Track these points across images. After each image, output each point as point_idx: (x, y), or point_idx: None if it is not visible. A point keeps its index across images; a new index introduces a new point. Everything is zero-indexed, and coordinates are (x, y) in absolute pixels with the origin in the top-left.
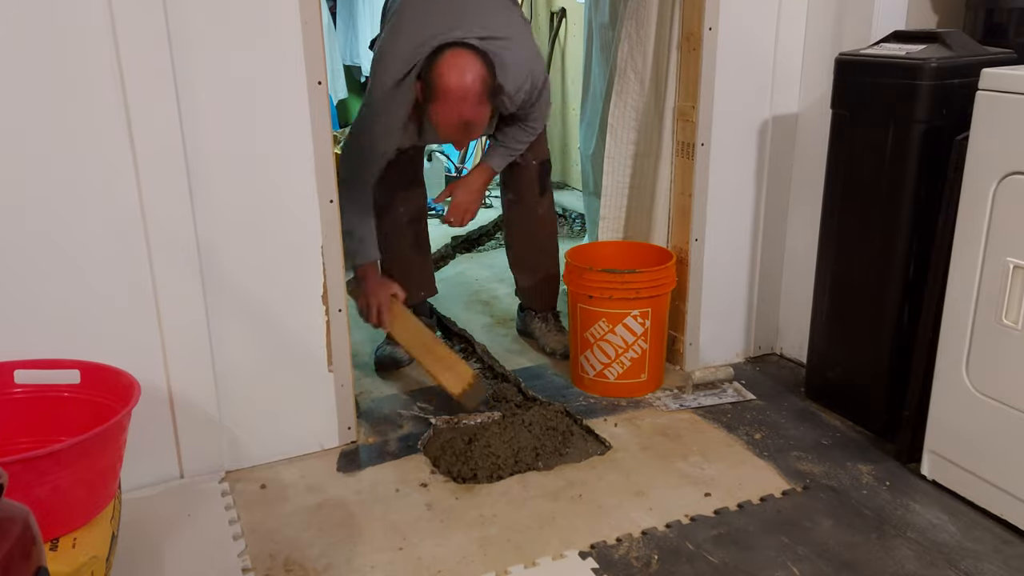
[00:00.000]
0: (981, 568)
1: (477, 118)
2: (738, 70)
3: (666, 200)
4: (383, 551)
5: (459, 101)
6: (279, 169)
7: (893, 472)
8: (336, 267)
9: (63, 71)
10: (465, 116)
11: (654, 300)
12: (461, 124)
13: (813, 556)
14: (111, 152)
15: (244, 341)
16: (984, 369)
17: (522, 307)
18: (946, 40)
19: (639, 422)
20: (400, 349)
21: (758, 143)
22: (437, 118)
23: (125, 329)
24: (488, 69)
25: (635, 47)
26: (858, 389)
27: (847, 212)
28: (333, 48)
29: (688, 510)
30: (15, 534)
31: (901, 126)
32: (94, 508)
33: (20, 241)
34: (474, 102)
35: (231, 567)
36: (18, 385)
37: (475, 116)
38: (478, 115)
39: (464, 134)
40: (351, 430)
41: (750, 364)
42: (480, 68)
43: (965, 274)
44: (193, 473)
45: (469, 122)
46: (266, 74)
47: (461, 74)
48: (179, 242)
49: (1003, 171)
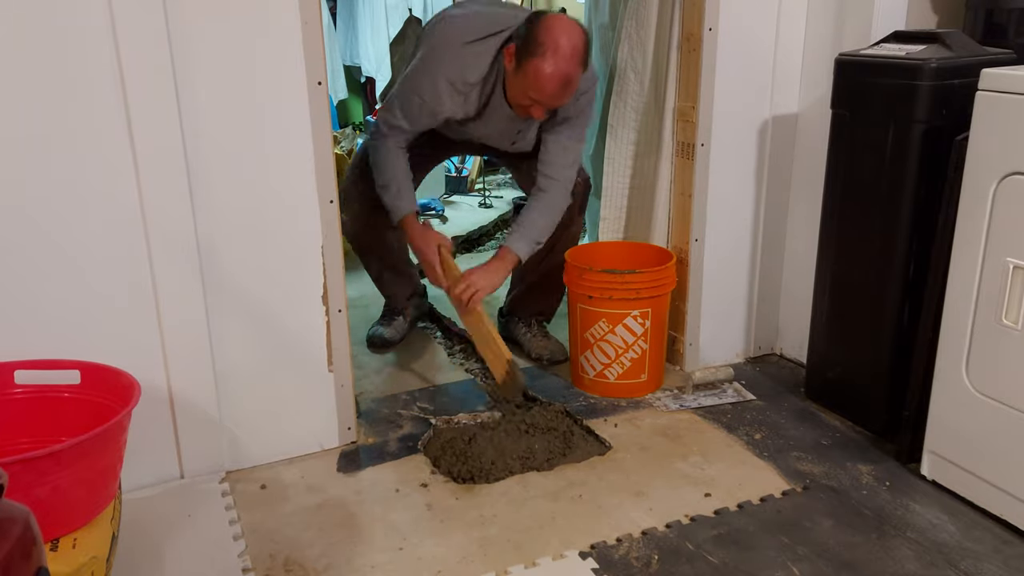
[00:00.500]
0: (981, 568)
1: (576, 76)
2: (738, 70)
3: (666, 200)
4: (383, 551)
5: (569, 56)
6: (279, 169)
7: (893, 472)
8: (336, 267)
9: (63, 71)
10: (568, 71)
11: (654, 300)
12: (562, 79)
13: (813, 556)
14: (111, 152)
15: (244, 341)
16: (984, 369)
17: (503, 312)
18: (946, 40)
19: (639, 422)
20: (391, 330)
21: (758, 143)
22: (535, 75)
23: (125, 329)
24: (587, 36)
25: (635, 47)
26: (858, 389)
27: (847, 212)
28: (333, 48)
29: (688, 510)
30: (15, 534)
31: (901, 126)
32: (94, 508)
33: (20, 241)
34: (576, 59)
35: (231, 567)
36: (18, 385)
37: (575, 73)
38: (577, 74)
39: (561, 90)
40: (351, 430)
41: (750, 364)
42: (582, 29)
43: (965, 274)
44: (193, 473)
45: (569, 77)
46: (266, 74)
47: (567, 26)
48: (179, 242)
49: (1003, 171)
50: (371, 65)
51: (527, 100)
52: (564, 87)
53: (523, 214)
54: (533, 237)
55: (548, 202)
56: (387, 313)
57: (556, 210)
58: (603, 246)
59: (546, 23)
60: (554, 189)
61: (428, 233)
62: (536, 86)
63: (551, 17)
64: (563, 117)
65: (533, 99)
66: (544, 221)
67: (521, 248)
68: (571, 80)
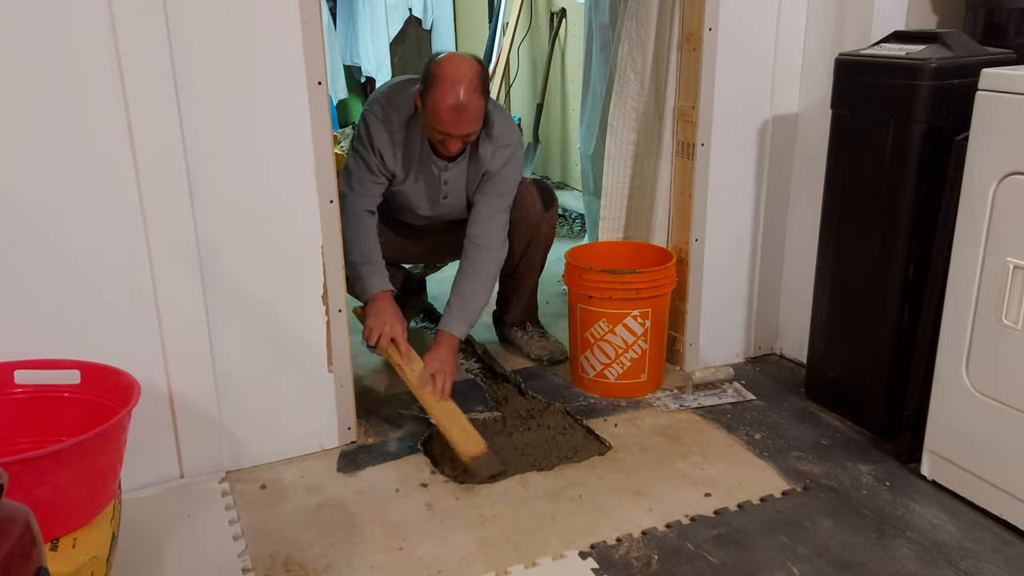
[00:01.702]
0: (981, 568)
1: (472, 104)
2: (738, 70)
3: (666, 200)
4: (383, 551)
5: (455, 83)
6: (279, 169)
7: (893, 472)
8: (336, 267)
9: (63, 71)
10: (460, 99)
11: (654, 300)
12: (456, 105)
13: (813, 556)
14: (111, 152)
15: (244, 341)
16: (984, 369)
17: (496, 317)
18: (946, 40)
19: (639, 422)
20: None
21: (758, 143)
22: (432, 104)
23: (125, 329)
24: (482, 68)
25: (635, 47)
26: (858, 389)
27: (847, 212)
28: (333, 48)
29: (688, 510)
30: (15, 534)
31: (901, 126)
32: (94, 508)
33: (20, 241)
34: (469, 86)
35: (231, 567)
36: (18, 385)
37: (468, 102)
38: (471, 103)
39: (458, 117)
40: (351, 430)
41: (750, 364)
42: (475, 63)
43: (965, 274)
44: (193, 473)
45: (463, 104)
46: (266, 74)
47: (457, 61)
48: (179, 242)
49: (1003, 171)
50: (371, 65)
51: (437, 135)
52: (460, 113)
53: (454, 289)
54: (469, 316)
55: (478, 271)
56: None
57: (488, 278)
58: (603, 246)
59: (440, 60)
60: (482, 256)
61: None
62: (436, 116)
63: (445, 55)
64: (485, 171)
65: (439, 131)
66: (479, 293)
67: (459, 329)
68: (465, 106)
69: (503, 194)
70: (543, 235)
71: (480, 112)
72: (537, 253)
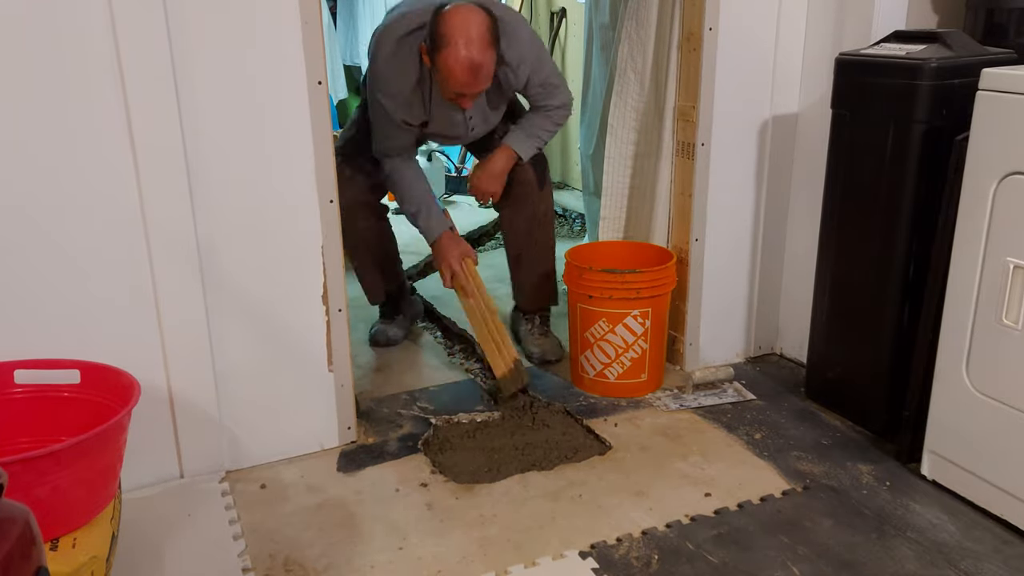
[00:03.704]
0: (981, 568)
1: (485, 61)
2: (738, 70)
3: (666, 200)
4: (383, 551)
5: (467, 42)
6: (279, 169)
7: (893, 472)
8: (336, 267)
9: (63, 70)
10: (473, 57)
11: (654, 300)
12: (469, 66)
13: (813, 556)
14: (111, 152)
15: (244, 341)
16: (984, 369)
17: (516, 307)
18: (946, 40)
19: (639, 422)
20: (394, 328)
21: (758, 143)
22: (445, 68)
23: (125, 329)
24: (491, 18)
25: (635, 47)
26: (858, 389)
27: (847, 212)
28: (333, 48)
29: (688, 510)
30: (15, 534)
31: (901, 126)
32: (94, 508)
33: (20, 241)
34: (480, 44)
35: (231, 567)
36: (18, 385)
37: (482, 59)
38: (485, 60)
39: (472, 78)
40: (351, 430)
41: (750, 364)
42: (484, 14)
43: (965, 274)
44: (193, 473)
45: (478, 64)
46: (266, 74)
47: (466, 17)
48: (179, 242)
49: (1003, 171)
50: None
51: (452, 94)
52: (474, 74)
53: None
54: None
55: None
56: (388, 312)
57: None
58: (603, 246)
59: (446, 16)
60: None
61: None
62: (450, 78)
63: (451, 9)
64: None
65: (455, 91)
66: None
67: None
68: (479, 65)
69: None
70: (541, 213)
71: (492, 67)
72: (539, 233)
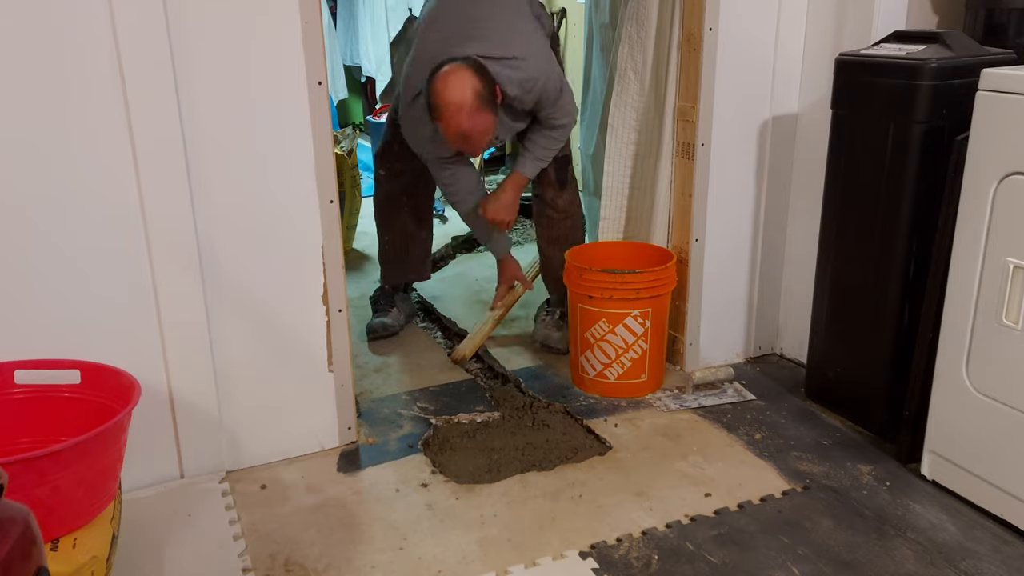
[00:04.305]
0: (981, 568)
1: (474, 129)
2: (738, 70)
3: (666, 200)
4: (383, 551)
5: (453, 114)
6: (279, 169)
7: (893, 472)
8: (336, 267)
9: (62, 69)
10: (463, 128)
11: (654, 300)
12: (460, 135)
13: (813, 556)
14: (111, 151)
15: (244, 341)
16: (984, 369)
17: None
18: (946, 40)
19: (639, 422)
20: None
21: (758, 143)
22: (443, 133)
23: (125, 329)
24: (482, 79)
25: (635, 47)
26: (858, 389)
27: (847, 212)
28: (333, 48)
29: (688, 510)
30: (15, 534)
31: (901, 126)
32: (94, 508)
33: (20, 241)
34: (468, 114)
35: (231, 567)
36: (18, 385)
37: (472, 127)
38: (475, 126)
39: (465, 144)
40: (351, 430)
41: (750, 364)
42: (472, 80)
43: (965, 274)
44: (193, 473)
45: (466, 134)
46: (266, 74)
47: (451, 88)
48: (179, 242)
49: (1003, 171)
50: (371, 65)
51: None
52: (465, 141)
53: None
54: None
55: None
56: (382, 306)
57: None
58: (603, 246)
59: (435, 85)
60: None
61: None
62: (448, 138)
63: (440, 76)
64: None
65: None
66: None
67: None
68: (469, 134)
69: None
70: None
71: (488, 125)
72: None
